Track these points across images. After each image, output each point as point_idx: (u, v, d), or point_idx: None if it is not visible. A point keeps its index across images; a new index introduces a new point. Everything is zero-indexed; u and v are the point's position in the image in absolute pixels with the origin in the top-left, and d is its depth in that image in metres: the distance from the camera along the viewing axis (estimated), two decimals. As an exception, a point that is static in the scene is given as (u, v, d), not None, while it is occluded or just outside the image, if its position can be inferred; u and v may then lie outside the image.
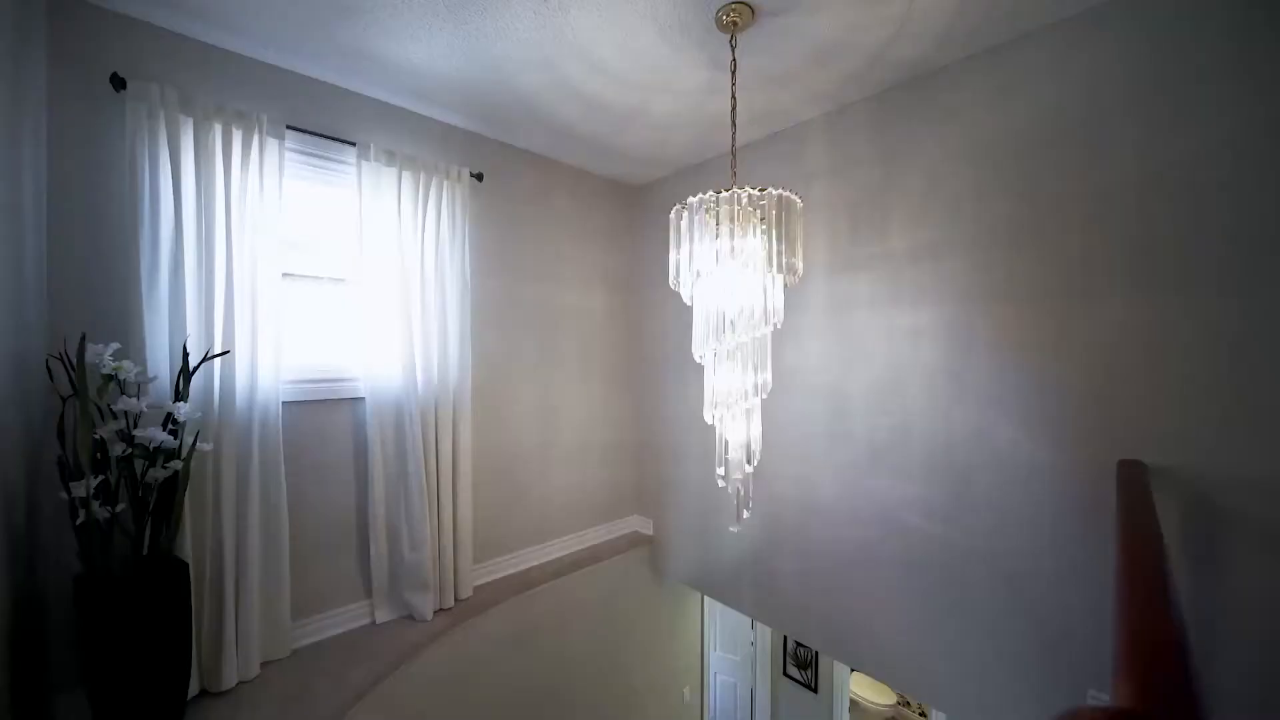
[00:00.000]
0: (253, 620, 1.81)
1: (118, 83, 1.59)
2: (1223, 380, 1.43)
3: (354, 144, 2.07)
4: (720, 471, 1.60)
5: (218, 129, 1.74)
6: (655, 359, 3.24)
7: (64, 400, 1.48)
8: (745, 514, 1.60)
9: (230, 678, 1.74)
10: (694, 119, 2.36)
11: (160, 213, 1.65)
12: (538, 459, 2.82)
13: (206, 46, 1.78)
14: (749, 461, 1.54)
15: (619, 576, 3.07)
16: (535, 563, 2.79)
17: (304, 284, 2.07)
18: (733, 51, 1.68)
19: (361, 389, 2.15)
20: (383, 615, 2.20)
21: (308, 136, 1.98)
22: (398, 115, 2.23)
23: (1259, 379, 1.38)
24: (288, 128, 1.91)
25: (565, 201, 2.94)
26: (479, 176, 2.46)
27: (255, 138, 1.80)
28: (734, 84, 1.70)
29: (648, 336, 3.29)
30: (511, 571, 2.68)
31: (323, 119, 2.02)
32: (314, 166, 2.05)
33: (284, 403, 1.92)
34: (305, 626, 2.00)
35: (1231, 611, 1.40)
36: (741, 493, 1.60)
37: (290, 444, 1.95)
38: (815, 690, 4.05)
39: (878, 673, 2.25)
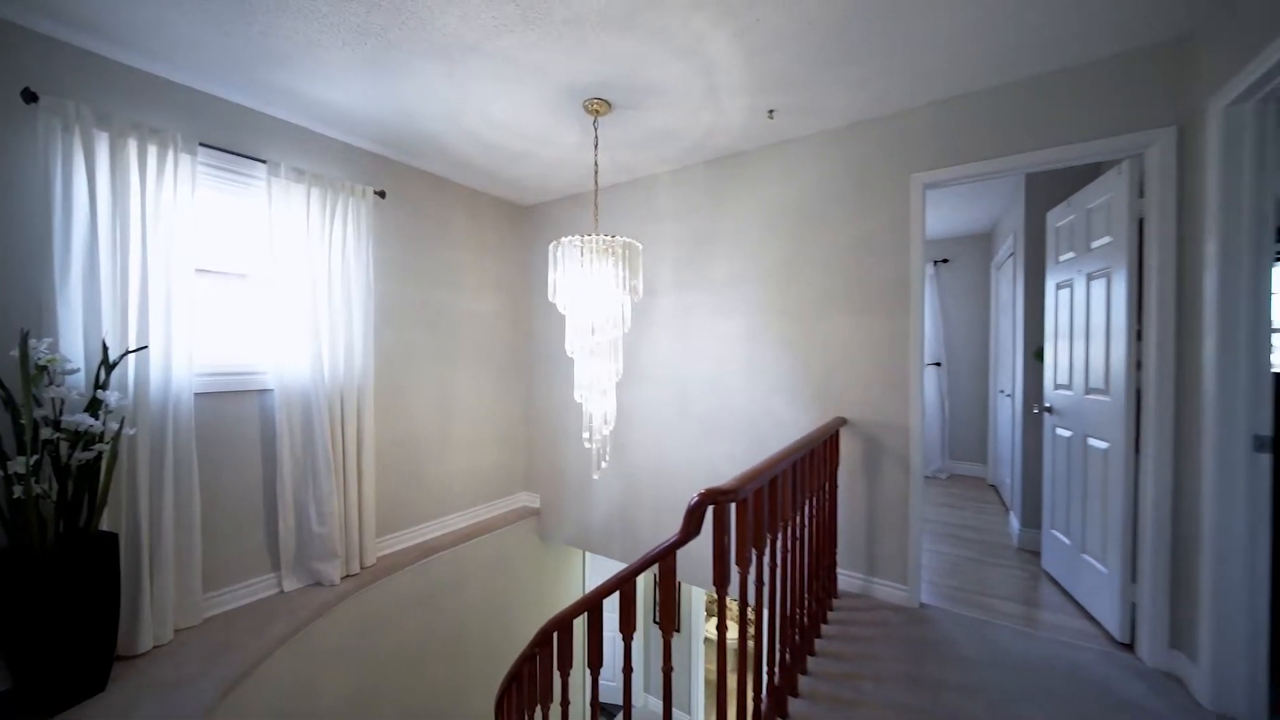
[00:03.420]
0: (167, 590, 2.00)
1: (29, 96, 1.73)
2: (880, 368, 2.41)
3: (265, 161, 2.31)
4: (586, 435, 2.22)
5: (133, 144, 1.92)
6: (540, 355, 3.78)
7: (-28, 391, 1.60)
8: (604, 464, 2.24)
9: (145, 642, 1.93)
10: (572, 164, 2.95)
11: (73, 217, 1.81)
12: (436, 443, 3.19)
13: (125, 68, 1.94)
14: (606, 424, 2.18)
15: (509, 544, 3.55)
16: (434, 535, 3.17)
17: (216, 287, 2.26)
18: (595, 130, 2.31)
19: (270, 381, 2.39)
20: (290, 584, 2.45)
21: (220, 153, 2.19)
22: (308, 137, 2.50)
23: (893, 367, 2.38)
24: (201, 144, 2.11)
25: (462, 218, 3.35)
26: (382, 194, 2.79)
27: (170, 153, 2.00)
28: (596, 151, 2.34)
29: (534, 335, 3.82)
30: (412, 543, 3.03)
31: (236, 137, 2.24)
32: (226, 180, 2.25)
33: (196, 394, 2.12)
34: (217, 597, 2.21)
35: (879, 494, 2.40)
36: (601, 450, 2.23)
37: (203, 432, 2.15)
38: (679, 631, 4.91)
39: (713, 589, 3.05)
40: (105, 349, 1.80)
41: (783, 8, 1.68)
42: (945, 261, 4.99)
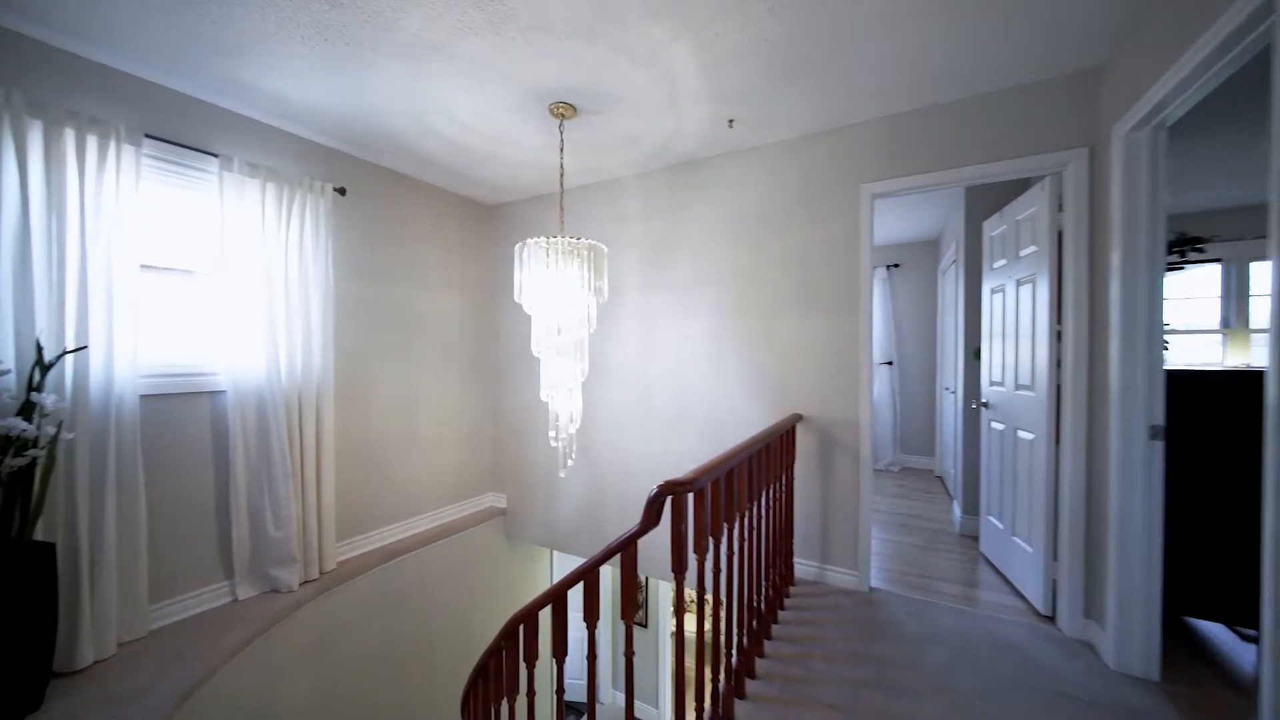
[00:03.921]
0: (109, 601, 1.91)
1: (-50, 80, 1.63)
2: (833, 366, 2.55)
3: (217, 155, 2.23)
4: (552, 434, 2.25)
5: (70, 134, 1.83)
6: (506, 354, 3.78)
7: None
8: (570, 462, 2.28)
9: (85, 657, 1.84)
10: (537, 165, 2.98)
11: (2, 209, 1.71)
12: (400, 444, 3.15)
13: (62, 53, 1.85)
14: (572, 422, 2.22)
15: (476, 544, 3.54)
16: (398, 538, 3.12)
17: (163, 284, 2.17)
18: (561, 134, 2.35)
19: (222, 382, 2.31)
20: (245, 592, 2.37)
21: (168, 145, 2.11)
22: (264, 131, 2.43)
23: (845, 365, 2.52)
24: (146, 136, 2.03)
25: (425, 216, 3.31)
26: (342, 191, 2.73)
27: (111, 144, 1.91)
28: (562, 155, 2.37)
29: (500, 335, 3.81)
30: (375, 546, 2.98)
31: (185, 129, 2.16)
32: (174, 173, 2.17)
33: (141, 396, 2.03)
34: (165, 607, 2.12)
35: (832, 486, 2.54)
36: (567, 448, 2.27)
37: (149, 435, 2.07)
38: (646, 626, 4.98)
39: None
40: (40, 349, 1.71)
41: (740, 25, 1.77)
42: (897, 266, 5.26)
